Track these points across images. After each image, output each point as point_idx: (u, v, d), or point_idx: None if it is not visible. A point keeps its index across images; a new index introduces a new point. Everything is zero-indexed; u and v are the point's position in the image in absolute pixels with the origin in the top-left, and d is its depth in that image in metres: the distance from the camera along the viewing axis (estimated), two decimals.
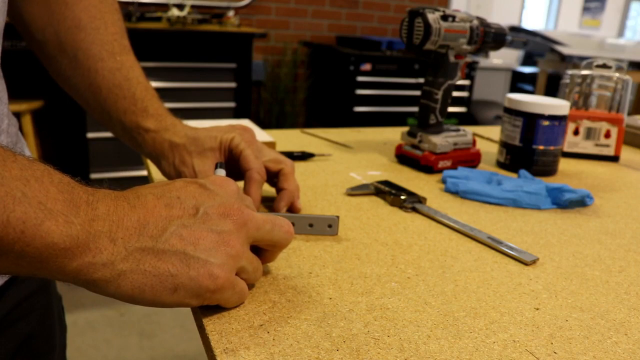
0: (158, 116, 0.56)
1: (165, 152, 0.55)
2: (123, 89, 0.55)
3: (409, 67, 2.79)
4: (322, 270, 0.46)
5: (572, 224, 0.62)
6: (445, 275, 0.47)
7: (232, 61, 2.32)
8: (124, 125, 0.56)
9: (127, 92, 0.55)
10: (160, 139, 0.55)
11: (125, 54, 0.57)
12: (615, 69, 0.95)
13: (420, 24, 0.72)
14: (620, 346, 0.38)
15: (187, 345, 1.86)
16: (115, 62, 0.56)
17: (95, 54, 0.55)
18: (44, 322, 0.57)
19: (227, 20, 2.49)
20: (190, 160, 0.54)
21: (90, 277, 0.31)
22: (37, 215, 0.29)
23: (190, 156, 0.54)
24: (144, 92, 0.56)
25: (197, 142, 0.55)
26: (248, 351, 0.34)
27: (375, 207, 0.63)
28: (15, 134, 0.52)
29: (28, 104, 2.06)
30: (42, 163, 0.31)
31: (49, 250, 0.29)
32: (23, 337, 0.53)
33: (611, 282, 0.48)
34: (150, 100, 0.56)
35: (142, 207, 0.34)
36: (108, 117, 0.57)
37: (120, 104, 0.55)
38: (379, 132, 1.03)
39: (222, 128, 0.57)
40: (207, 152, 0.55)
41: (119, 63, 0.56)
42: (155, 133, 0.56)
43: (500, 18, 4.43)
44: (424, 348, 0.36)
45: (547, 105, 0.78)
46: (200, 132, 0.56)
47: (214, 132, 0.56)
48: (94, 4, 0.56)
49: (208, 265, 0.34)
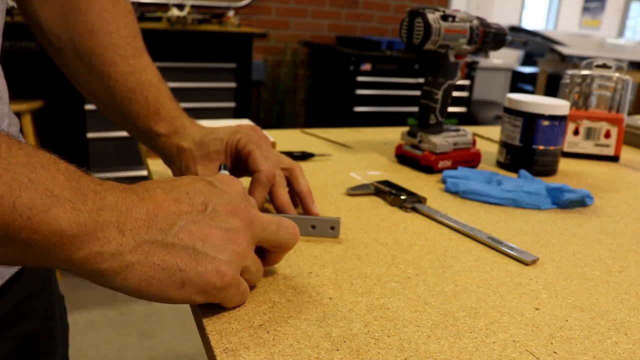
0: (170, 119, 0.56)
1: (174, 157, 0.56)
2: (136, 93, 0.56)
3: (409, 67, 2.78)
4: (322, 270, 0.46)
5: (572, 224, 0.62)
6: (445, 275, 0.47)
7: (232, 61, 2.31)
8: (139, 129, 0.57)
9: (140, 96, 0.56)
10: (170, 144, 0.56)
11: (138, 57, 0.57)
12: (615, 69, 0.95)
13: (420, 24, 0.72)
14: (620, 346, 0.38)
15: (187, 345, 1.86)
16: (128, 66, 0.56)
17: (109, 58, 0.55)
18: (45, 322, 0.57)
19: (227, 20, 2.49)
20: (194, 167, 0.55)
21: (98, 267, 0.31)
22: (43, 202, 0.28)
23: (194, 162, 0.55)
24: (156, 95, 0.56)
25: (202, 146, 0.55)
26: (248, 351, 0.34)
27: (375, 207, 0.63)
28: (16, 134, 0.51)
29: (28, 104, 2.06)
30: (48, 152, 0.31)
31: (56, 238, 0.29)
32: (24, 337, 0.53)
33: (611, 282, 0.48)
34: (162, 102, 0.56)
35: (151, 200, 0.34)
36: (124, 121, 0.57)
37: (134, 108, 0.56)
38: (379, 132, 1.03)
39: (229, 129, 0.56)
40: (212, 155, 0.55)
41: (132, 67, 0.56)
42: (166, 137, 0.56)
43: (500, 18, 4.43)
44: (424, 348, 0.36)
45: (547, 105, 0.78)
46: (207, 135, 0.56)
47: (220, 134, 0.56)
48: (107, 8, 0.56)
49: (216, 261, 0.34)
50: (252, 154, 0.53)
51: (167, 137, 0.56)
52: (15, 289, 0.51)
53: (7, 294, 0.50)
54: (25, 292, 0.53)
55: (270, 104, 3.03)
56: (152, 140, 0.57)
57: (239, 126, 0.57)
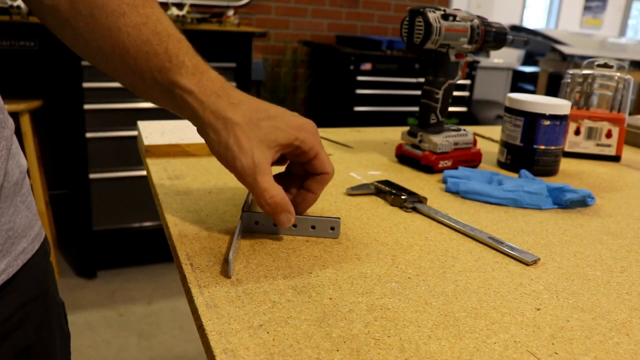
0: (200, 75, 0.48)
1: (215, 125, 0.47)
2: (153, 45, 0.48)
3: (409, 67, 2.78)
4: (322, 270, 0.46)
5: (573, 224, 0.61)
6: (446, 276, 0.46)
7: (231, 60, 2.31)
8: (162, 87, 0.48)
9: (158, 47, 0.48)
10: (209, 109, 0.47)
11: (149, 6, 0.50)
12: (617, 69, 0.94)
13: (421, 23, 0.72)
14: (622, 347, 0.38)
15: (187, 346, 1.86)
16: (139, 16, 0.48)
17: (115, 9, 0.48)
18: (41, 333, 0.54)
19: (226, 20, 2.48)
20: (250, 148, 0.46)
21: None
22: None
23: (249, 142, 0.46)
24: (178, 45, 0.49)
25: (259, 128, 0.47)
26: (248, 351, 0.34)
27: (376, 207, 0.62)
28: (9, 138, 0.49)
29: (27, 103, 2.06)
30: None
31: None
32: (19, 350, 0.51)
33: (612, 282, 0.48)
34: (186, 54, 0.49)
35: None
36: (141, 79, 0.49)
37: (154, 62, 0.48)
38: (379, 131, 1.03)
39: (290, 121, 0.49)
40: (271, 143, 0.47)
41: (144, 16, 0.48)
42: (198, 98, 0.48)
43: (501, 17, 4.43)
44: (425, 348, 0.36)
45: (548, 105, 0.78)
46: (263, 120, 0.48)
47: (281, 124, 0.48)
48: None
49: None
50: (319, 156, 0.51)
51: (202, 99, 0.47)
52: (5, 299, 0.49)
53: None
54: (17, 302, 0.50)
55: None
56: (179, 98, 0.48)
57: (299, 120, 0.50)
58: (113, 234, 2.23)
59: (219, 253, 0.47)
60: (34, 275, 0.53)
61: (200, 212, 0.56)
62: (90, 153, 2.11)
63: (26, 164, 0.54)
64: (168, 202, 0.58)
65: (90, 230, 2.18)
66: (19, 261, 0.50)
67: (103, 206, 2.18)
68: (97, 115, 2.10)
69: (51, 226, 2.31)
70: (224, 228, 0.53)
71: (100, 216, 2.18)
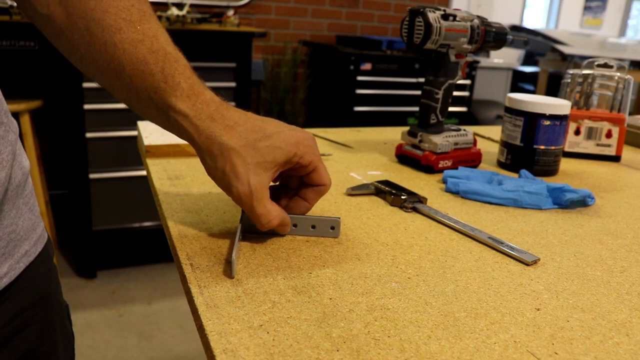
0: (195, 97, 0.47)
1: (211, 150, 0.47)
2: (149, 64, 0.46)
3: (409, 67, 2.78)
4: (322, 270, 0.46)
5: (573, 224, 0.61)
6: (446, 276, 0.46)
7: (231, 60, 2.31)
8: (157, 107, 0.48)
9: (154, 67, 0.47)
10: (204, 133, 0.46)
11: (146, 22, 0.48)
12: (617, 69, 0.94)
13: (421, 23, 0.72)
14: (622, 347, 0.38)
15: (187, 346, 1.86)
16: (136, 33, 0.47)
17: (111, 24, 0.46)
18: (43, 336, 0.53)
19: (226, 20, 2.48)
20: (246, 174, 0.46)
21: None
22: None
23: (246, 168, 0.46)
24: (174, 65, 0.47)
25: (256, 151, 0.46)
26: (248, 351, 0.34)
27: (376, 207, 0.62)
28: (14, 142, 0.48)
29: (27, 103, 2.06)
30: None
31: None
32: (21, 354, 0.50)
33: (612, 282, 0.48)
34: (182, 74, 0.47)
35: None
36: (136, 97, 0.48)
37: (149, 82, 0.47)
38: (379, 131, 1.03)
39: (288, 138, 0.48)
40: (268, 164, 0.47)
41: (141, 33, 0.47)
42: (193, 122, 0.47)
43: (501, 17, 4.43)
44: (425, 349, 0.36)
45: (548, 105, 0.78)
46: (261, 141, 0.47)
47: (278, 142, 0.47)
48: None
49: None
50: (318, 170, 0.51)
51: (196, 123, 0.47)
52: (6, 304, 0.48)
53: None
54: (17, 306, 0.50)
55: (270, 104, 3.03)
56: (174, 121, 0.47)
57: (297, 135, 0.49)
58: (113, 234, 2.23)
59: (219, 253, 0.47)
60: (36, 278, 0.52)
61: (201, 212, 0.56)
62: (90, 153, 2.11)
63: (29, 165, 0.53)
64: (168, 202, 0.58)
65: (90, 230, 2.18)
66: (21, 264, 0.49)
67: (103, 206, 2.18)
68: (97, 115, 2.10)
69: (51, 226, 2.31)
70: (224, 228, 0.53)
71: (100, 216, 2.19)
